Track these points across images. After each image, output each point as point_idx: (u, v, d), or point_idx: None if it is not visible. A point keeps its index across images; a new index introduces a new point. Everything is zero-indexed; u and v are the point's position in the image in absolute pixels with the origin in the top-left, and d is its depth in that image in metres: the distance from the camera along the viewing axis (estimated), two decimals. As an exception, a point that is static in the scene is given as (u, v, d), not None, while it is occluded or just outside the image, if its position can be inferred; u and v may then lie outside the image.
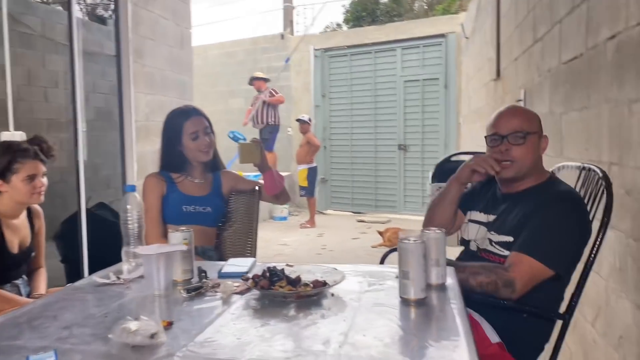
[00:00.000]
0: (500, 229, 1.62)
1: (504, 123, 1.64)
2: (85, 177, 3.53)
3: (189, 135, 2.11)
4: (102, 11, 5.25)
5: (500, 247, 1.60)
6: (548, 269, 1.47)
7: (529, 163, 1.62)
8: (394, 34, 8.08)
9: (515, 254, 1.50)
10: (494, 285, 1.45)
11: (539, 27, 2.78)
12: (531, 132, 1.61)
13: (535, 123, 1.65)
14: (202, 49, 9.50)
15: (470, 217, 1.78)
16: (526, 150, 1.61)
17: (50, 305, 1.21)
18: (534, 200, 1.58)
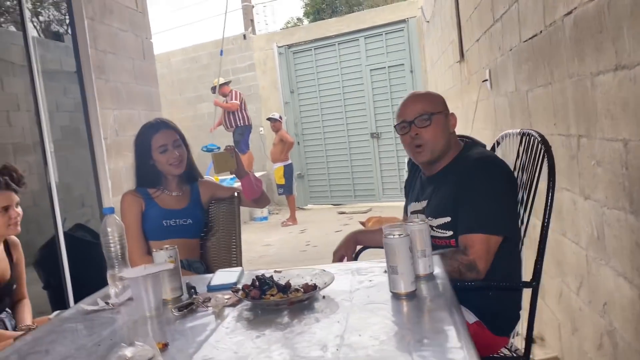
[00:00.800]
0: (435, 213, 1.67)
1: (409, 110, 1.71)
2: (59, 199, 3.46)
3: (158, 149, 2.09)
4: (57, 27, 5.14)
5: (441, 229, 1.65)
6: (497, 236, 1.53)
7: (442, 142, 1.69)
8: (356, 23, 8.10)
9: (463, 237, 1.55)
10: (458, 272, 1.48)
11: (497, 7, 2.82)
12: (435, 112, 1.68)
13: (439, 103, 1.71)
14: (165, 56, 9.38)
15: (410, 209, 1.84)
16: (434, 130, 1.67)
17: (41, 340, 1.19)
18: (454, 175, 1.64)
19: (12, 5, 4.97)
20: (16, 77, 4.19)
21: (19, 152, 4.09)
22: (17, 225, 1.97)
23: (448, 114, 1.72)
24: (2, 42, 4.22)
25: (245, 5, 11.74)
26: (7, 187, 1.94)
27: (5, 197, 1.92)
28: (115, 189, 3.86)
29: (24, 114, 4.18)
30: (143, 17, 4.63)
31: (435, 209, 1.68)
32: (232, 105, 7.54)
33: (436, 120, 1.67)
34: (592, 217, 1.79)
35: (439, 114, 1.68)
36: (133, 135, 2.20)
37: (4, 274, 2.01)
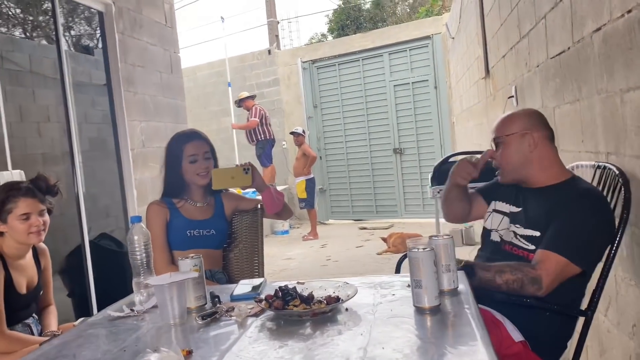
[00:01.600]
0: (525, 223, 1.65)
1: (492, 130, 1.76)
2: (85, 208, 3.53)
3: (188, 158, 2.13)
4: (88, 41, 5.28)
5: (525, 240, 1.62)
6: (575, 266, 1.48)
7: (514, 163, 1.68)
8: (380, 39, 8.14)
9: (541, 252, 1.51)
10: (520, 283, 1.45)
11: (524, 24, 2.81)
12: (507, 135, 1.68)
13: (515, 124, 1.69)
14: (192, 70, 9.54)
15: (495, 207, 1.81)
16: (504, 153, 1.69)
17: (68, 344, 1.21)
18: (558, 196, 1.60)
19: (45, 19, 5.13)
20: (47, 89, 4.31)
21: (48, 162, 4.19)
22: (40, 233, 1.98)
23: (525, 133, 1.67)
24: (35, 55, 4.35)
25: (271, 21, 11.91)
26: (27, 194, 1.96)
27: (26, 204, 1.94)
28: (141, 200, 3.92)
29: (53, 125, 4.29)
30: (172, 32, 4.74)
31: (528, 220, 1.65)
32: (250, 124, 7.59)
33: (507, 144, 1.69)
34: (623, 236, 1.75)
35: (510, 136, 1.68)
36: (159, 147, 2.25)
37: (32, 280, 2.05)
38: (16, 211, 1.92)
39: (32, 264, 2.07)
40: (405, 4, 18.75)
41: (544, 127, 1.71)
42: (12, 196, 1.93)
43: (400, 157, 7.94)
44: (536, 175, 1.68)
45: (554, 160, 1.69)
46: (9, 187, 1.96)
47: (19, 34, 4.82)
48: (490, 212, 1.82)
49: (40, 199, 1.99)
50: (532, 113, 1.76)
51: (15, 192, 1.94)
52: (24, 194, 1.95)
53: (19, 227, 1.93)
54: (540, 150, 1.67)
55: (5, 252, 1.93)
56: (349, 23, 17.82)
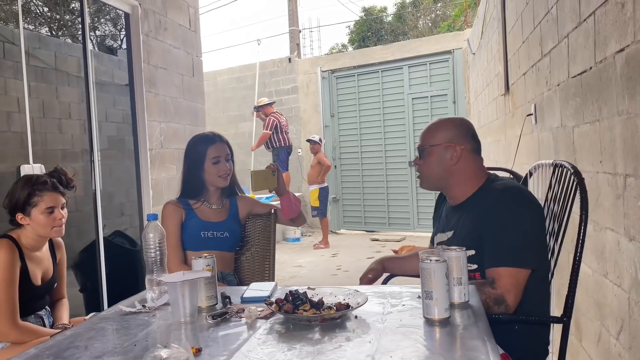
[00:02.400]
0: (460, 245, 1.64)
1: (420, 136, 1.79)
2: (101, 206, 3.58)
3: (211, 160, 2.15)
4: (112, 42, 5.38)
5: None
6: (524, 270, 1.51)
7: (435, 174, 1.71)
8: (400, 52, 8.16)
9: (490, 271, 1.53)
10: (486, 305, 1.45)
11: (546, 42, 2.80)
12: (431, 145, 1.70)
13: (440, 135, 1.70)
14: (212, 75, 9.65)
15: (437, 240, 1.83)
16: (426, 163, 1.72)
17: (80, 336, 1.23)
18: (478, 206, 1.62)
19: (72, 19, 5.23)
20: (71, 86, 4.39)
21: (67, 158, 4.26)
22: (62, 227, 2.03)
23: (449, 146, 1.69)
24: (61, 53, 4.44)
25: (292, 30, 12.00)
26: (54, 189, 2.00)
27: (52, 199, 1.98)
28: (156, 199, 3.96)
29: (74, 122, 4.37)
30: (195, 36, 4.81)
31: (460, 242, 1.64)
32: (263, 137, 7.52)
33: (429, 154, 1.71)
34: (637, 259, 1.73)
35: (433, 147, 1.70)
36: (177, 148, 2.27)
37: (47, 272, 2.08)
38: (41, 205, 1.96)
39: (48, 257, 2.10)
40: (427, 18, 18.79)
41: (469, 139, 1.72)
42: (38, 190, 1.96)
43: (415, 170, 7.91)
44: (455, 188, 1.70)
45: (474, 172, 1.71)
46: (33, 181, 1.99)
47: (46, 32, 4.93)
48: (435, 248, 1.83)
49: (62, 192, 2.03)
50: (460, 124, 1.75)
51: (41, 187, 1.97)
52: (50, 189, 1.98)
53: (43, 221, 1.96)
54: (462, 163, 1.69)
55: (23, 243, 1.97)
56: (370, 35, 17.90)
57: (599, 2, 1.96)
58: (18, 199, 1.95)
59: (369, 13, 18.48)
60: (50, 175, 2.05)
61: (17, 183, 2.01)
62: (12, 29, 3.86)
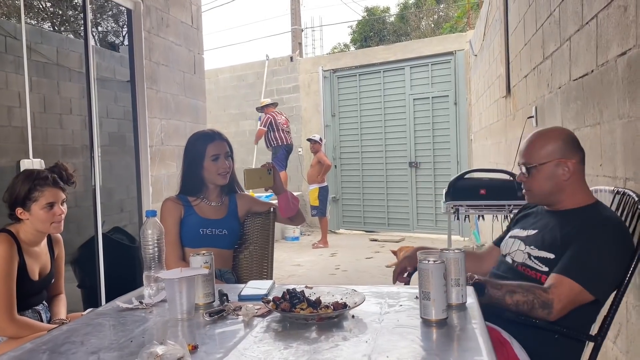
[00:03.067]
0: (540, 245, 1.62)
1: (521, 150, 1.71)
2: (100, 202, 3.57)
3: (210, 157, 2.15)
4: (114, 38, 5.38)
5: (539, 262, 1.59)
6: (589, 294, 1.46)
7: (546, 191, 1.65)
8: (402, 53, 8.16)
9: (555, 276, 1.49)
10: (530, 305, 1.43)
11: (548, 45, 2.80)
12: (540, 163, 1.63)
13: (549, 149, 1.63)
14: (214, 73, 9.64)
15: (511, 234, 1.79)
16: (536, 180, 1.65)
17: (76, 331, 1.23)
18: (578, 221, 1.57)
19: (74, 14, 5.23)
20: (72, 82, 4.39)
21: (67, 154, 4.26)
22: (61, 223, 2.02)
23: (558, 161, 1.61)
24: (62, 48, 4.44)
25: (295, 29, 11.99)
26: (54, 185, 2.00)
27: (52, 194, 1.98)
28: (156, 196, 3.96)
29: (75, 117, 4.37)
30: (197, 33, 4.80)
31: (543, 241, 1.63)
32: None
33: (536, 172, 1.65)
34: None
35: (541, 165, 1.63)
36: (177, 145, 2.27)
37: (45, 267, 2.08)
38: (41, 200, 1.95)
39: (46, 252, 2.10)
40: (430, 19, 18.78)
41: (578, 150, 1.65)
42: (39, 185, 1.96)
43: (415, 170, 7.92)
44: (565, 201, 1.65)
45: (582, 185, 1.66)
46: (34, 176, 1.98)
47: (48, 27, 4.93)
48: (507, 239, 1.81)
49: (63, 188, 2.03)
50: (567, 136, 1.67)
51: (42, 182, 1.96)
52: (50, 184, 1.98)
53: (42, 216, 1.96)
54: (574, 177, 1.63)
55: (21, 238, 1.96)
56: (372, 35, 17.89)
57: (602, 5, 1.96)
58: (18, 193, 1.95)
59: (372, 13, 18.48)
60: (51, 170, 2.04)
61: (17, 177, 2.00)
62: (14, 23, 3.86)
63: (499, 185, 3.19)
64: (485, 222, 5.41)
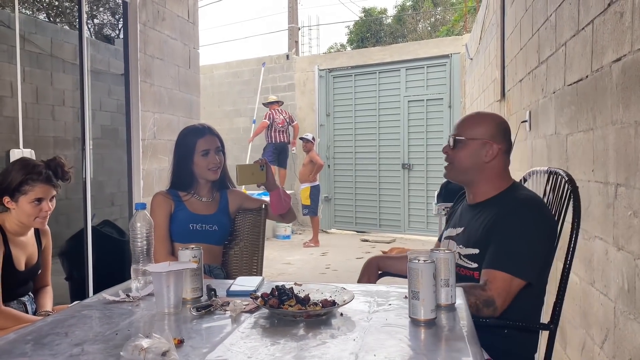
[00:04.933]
0: (467, 242, 1.66)
1: (455, 124, 1.76)
2: (91, 195, 3.55)
3: (200, 152, 2.14)
4: (110, 30, 5.34)
5: (468, 260, 1.63)
6: (521, 280, 1.50)
7: (466, 167, 1.69)
8: (399, 54, 8.16)
9: (486, 271, 1.52)
10: (475, 307, 1.45)
11: (544, 49, 2.81)
12: (469, 138, 1.67)
13: (480, 129, 1.68)
14: (209, 68, 9.61)
15: (445, 235, 1.83)
16: (460, 154, 1.69)
17: (60, 323, 1.21)
18: (495, 209, 1.61)
19: (70, 6, 5.19)
20: (66, 73, 4.36)
21: (59, 145, 4.23)
22: (45, 219, 2.00)
23: (486, 143, 1.67)
24: (57, 39, 4.40)
25: (292, 27, 11.98)
26: (47, 181, 1.97)
27: (43, 190, 1.95)
28: (147, 190, 3.94)
29: (68, 109, 4.33)
30: (193, 28, 4.78)
31: (467, 239, 1.66)
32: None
33: (465, 146, 1.68)
34: (624, 268, 1.74)
35: (472, 141, 1.68)
36: (170, 140, 2.26)
37: (31, 258, 2.06)
38: (30, 194, 1.93)
39: (33, 242, 2.07)
40: (427, 22, 18.82)
41: (506, 140, 1.71)
42: (31, 180, 1.92)
43: (408, 172, 7.93)
44: (479, 185, 1.69)
45: (502, 173, 1.70)
46: (29, 169, 1.95)
47: (43, 18, 4.89)
48: (442, 241, 1.84)
49: (54, 184, 2.00)
50: (501, 122, 1.73)
51: (35, 177, 1.93)
52: (43, 180, 1.95)
53: (28, 210, 1.93)
54: (495, 162, 1.68)
55: (7, 227, 1.94)
56: (369, 36, 17.91)
57: (598, 11, 1.96)
58: (10, 182, 1.92)
59: (369, 14, 18.49)
60: (47, 165, 2.00)
61: (14, 165, 1.97)
62: (9, 12, 3.82)
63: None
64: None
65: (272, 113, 7.75)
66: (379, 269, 1.98)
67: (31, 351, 1.04)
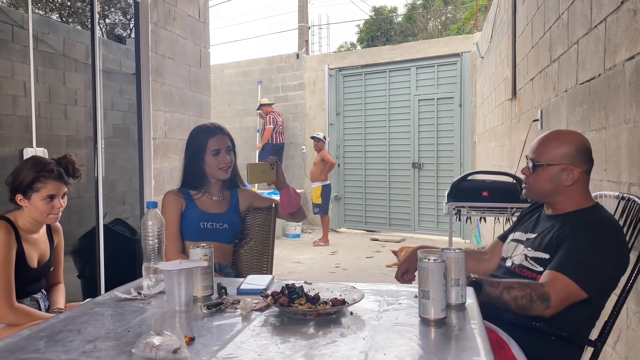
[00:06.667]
0: (537, 246, 1.63)
1: (533, 146, 1.70)
2: (103, 193, 3.58)
3: (211, 152, 2.15)
4: (121, 30, 5.38)
5: (534, 262, 1.60)
6: (582, 291, 1.45)
7: (545, 191, 1.65)
8: (409, 53, 8.13)
9: (550, 272, 1.49)
10: (529, 299, 1.42)
11: (556, 48, 2.79)
12: (547, 164, 1.62)
13: (559, 152, 1.62)
14: (219, 68, 9.64)
15: (513, 237, 1.79)
16: (538, 178, 1.65)
17: (73, 320, 1.23)
18: (574, 221, 1.57)
19: (82, 6, 5.23)
20: (78, 73, 4.40)
21: (71, 144, 4.26)
22: (58, 216, 2.02)
23: (566, 167, 1.61)
24: (69, 39, 4.44)
25: (302, 26, 11.98)
26: (59, 178, 1.99)
27: (55, 187, 1.97)
28: (158, 189, 3.96)
29: (80, 108, 4.37)
30: (204, 27, 4.80)
31: (540, 243, 1.63)
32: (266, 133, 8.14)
33: (541, 171, 1.64)
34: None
35: (549, 166, 1.63)
36: (181, 139, 2.27)
37: (44, 255, 2.08)
38: (43, 192, 1.95)
39: (45, 239, 2.09)
40: (437, 20, 18.74)
41: (587, 160, 1.64)
42: (43, 177, 1.95)
43: (418, 171, 7.90)
44: (562, 204, 1.65)
45: (583, 192, 1.65)
46: (41, 166, 1.97)
47: (56, 18, 4.93)
48: (507, 242, 1.81)
49: (66, 181, 2.02)
50: (580, 145, 1.64)
51: (47, 174, 1.95)
52: (55, 177, 1.97)
53: (41, 207, 1.95)
54: (576, 185, 1.62)
55: (19, 225, 1.96)
56: (379, 35, 17.86)
57: (611, 8, 1.94)
58: (22, 180, 1.95)
59: (379, 13, 18.44)
60: (58, 162, 2.02)
61: (25, 163, 2.00)
62: (22, 13, 3.86)
63: (501, 188, 3.17)
64: (486, 224, 5.40)
65: (274, 116, 8.08)
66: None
67: (44, 347, 1.06)
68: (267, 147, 8.03)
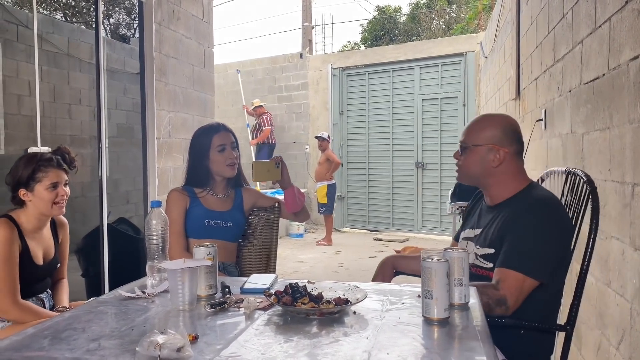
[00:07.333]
0: (483, 242, 1.66)
1: (463, 130, 1.76)
2: (107, 192, 3.59)
3: (216, 148, 2.16)
4: (125, 30, 5.40)
5: (483, 260, 1.63)
6: (533, 280, 1.49)
7: (475, 173, 1.69)
8: (412, 52, 8.13)
9: (499, 270, 1.52)
10: (487, 307, 1.44)
11: (560, 47, 2.78)
12: (474, 144, 1.67)
13: (485, 134, 1.67)
14: (223, 67, 9.65)
15: (463, 235, 1.82)
16: (467, 161, 1.70)
17: (78, 318, 1.23)
18: (510, 210, 1.60)
19: (86, 6, 5.25)
20: (82, 72, 4.41)
21: (75, 143, 4.28)
22: (63, 205, 2.03)
23: (493, 148, 1.65)
24: (74, 39, 4.45)
25: (305, 26, 11.98)
26: (58, 166, 2.02)
27: (56, 174, 2.00)
28: (162, 188, 3.97)
29: (84, 108, 4.39)
30: (207, 27, 4.80)
31: (484, 239, 1.66)
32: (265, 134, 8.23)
33: (471, 152, 1.69)
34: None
35: (477, 147, 1.67)
36: (184, 138, 2.28)
37: (49, 251, 2.08)
38: (45, 181, 1.97)
39: (50, 236, 2.10)
40: (441, 20, 18.72)
41: (514, 142, 1.69)
42: (43, 166, 1.98)
43: (422, 171, 7.90)
44: (493, 188, 1.69)
45: (515, 174, 1.68)
46: (38, 158, 2.00)
47: (60, 17, 4.95)
48: (460, 242, 1.83)
49: (65, 169, 2.05)
50: (506, 126, 1.70)
51: (46, 163, 1.99)
52: (54, 165, 2.00)
53: (45, 197, 1.97)
54: (505, 166, 1.66)
55: (23, 223, 1.97)
56: (383, 34, 17.85)
57: (615, 8, 1.94)
58: (22, 175, 1.96)
59: (383, 12, 18.43)
60: (54, 153, 2.06)
61: (20, 160, 2.02)
62: (27, 12, 3.88)
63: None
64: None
65: (269, 117, 8.24)
66: (394, 269, 1.97)
67: (49, 346, 1.06)
68: (264, 147, 8.12)
